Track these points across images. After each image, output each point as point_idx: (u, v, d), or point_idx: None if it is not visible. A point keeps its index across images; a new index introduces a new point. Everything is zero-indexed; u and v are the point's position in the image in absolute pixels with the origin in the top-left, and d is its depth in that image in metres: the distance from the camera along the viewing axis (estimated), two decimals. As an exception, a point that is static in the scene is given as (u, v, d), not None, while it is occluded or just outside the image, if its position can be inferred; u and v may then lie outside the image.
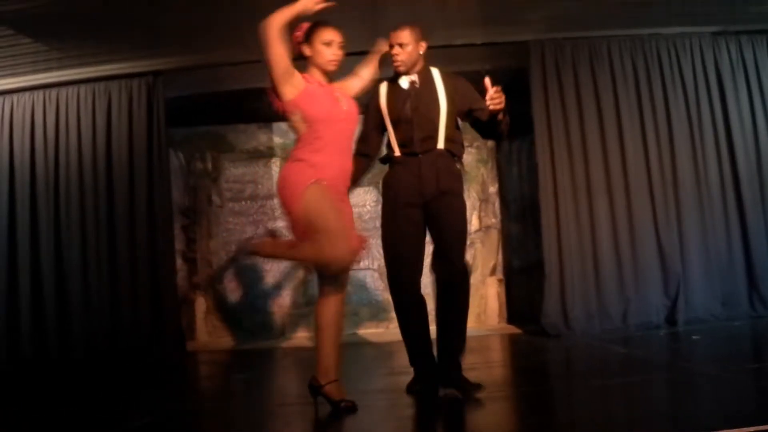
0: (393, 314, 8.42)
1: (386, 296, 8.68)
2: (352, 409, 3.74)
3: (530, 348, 6.43)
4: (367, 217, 8.83)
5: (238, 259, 8.73)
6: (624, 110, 7.10)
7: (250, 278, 8.85)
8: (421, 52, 4.23)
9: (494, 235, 8.74)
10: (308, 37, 3.97)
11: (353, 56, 7.16)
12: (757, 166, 7.12)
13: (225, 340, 8.47)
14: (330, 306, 3.88)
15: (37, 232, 7.37)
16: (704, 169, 7.08)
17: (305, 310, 8.77)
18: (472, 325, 8.27)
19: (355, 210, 8.63)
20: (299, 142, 3.88)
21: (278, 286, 8.85)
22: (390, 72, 4.32)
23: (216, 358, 7.28)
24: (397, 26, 4.22)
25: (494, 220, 8.75)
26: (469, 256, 8.53)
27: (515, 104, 8.00)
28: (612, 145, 7.05)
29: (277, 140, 8.94)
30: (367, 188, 8.80)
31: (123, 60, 7.06)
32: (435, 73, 4.27)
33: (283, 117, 3.94)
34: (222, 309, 8.72)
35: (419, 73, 4.22)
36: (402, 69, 4.20)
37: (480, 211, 8.76)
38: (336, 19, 6.39)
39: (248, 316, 8.79)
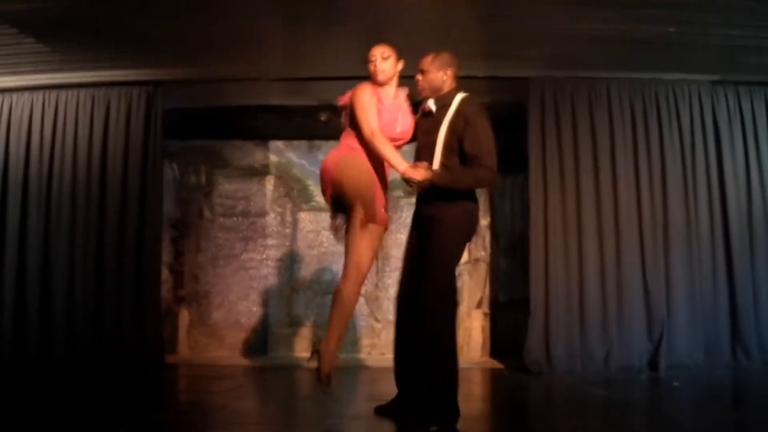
0: (375, 340, 8.44)
1: (370, 322, 8.68)
2: None
3: (511, 384, 6.40)
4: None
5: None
6: (619, 152, 7.13)
7: (235, 294, 8.82)
8: (445, 79, 4.33)
9: (482, 269, 8.72)
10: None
11: (355, 79, 7.25)
12: (747, 217, 7.15)
13: (206, 355, 8.42)
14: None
15: (26, 232, 7.33)
16: (695, 216, 7.10)
17: (288, 330, 8.75)
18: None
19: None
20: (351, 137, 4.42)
21: (263, 304, 8.82)
22: None
23: (195, 372, 7.23)
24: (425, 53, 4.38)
25: (483, 253, 8.74)
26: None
27: (511, 139, 8.09)
28: (605, 185, 7.08)
29: (272, 158, 8.95)
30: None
31: (124, 67, 7.06)
32: (456, 100, 4.27)
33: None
34: (205, 324, 8.68)
35: (439, 99, 4.30)
36: (424, 95, 4.38)
37: (470, 244, 8.74)
38: (341, 44, 6.48)
39: (231, 333, 8.75)
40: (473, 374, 7.15)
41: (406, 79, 4.58)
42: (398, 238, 8.77)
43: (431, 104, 4.31)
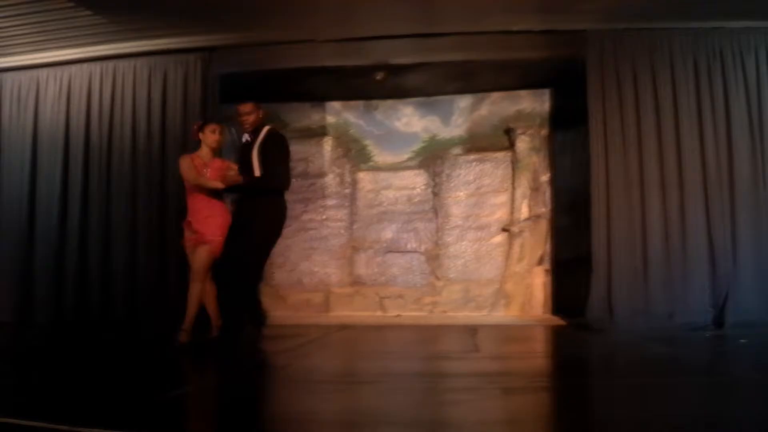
0: (436, 298, 8.47)
1: (431, 280, 8.70)
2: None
3: (573, 341, 6.37)
4: (417, 200, 8.85)
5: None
6: (682, 105, 6.95)
7: (296, 255, 8.92)
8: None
9: (543, 225, 8.66)
10: (201, 129, 6.17)
11: (408, 38, 7.22)
12: (817, 168, 6.93)
13: (269, 315, 8.53)
14: None
15: (87, 201, 7.53)
16: (762, 169, 6.88)
17: (350, 289, 8.83)
18: (515, 314, 8.28)
19: (405, 192, 8.71)
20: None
21: (324, 265, 8.90)
22: None
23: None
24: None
25: (544, 209, 8.67)
26: (517, 245, 8.51)
27: (570, 94, 7.97)
28: (668, 140, 6.92)
29: (330, 119, 8.98)
30: (417, 171, 8.83)
31: (179, 35, 7.13)
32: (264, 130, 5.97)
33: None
34: (268, 284, 8.79)
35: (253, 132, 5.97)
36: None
37: (530, 200, 8.69)
38: (394, 2, 6.43)
39: (294, 293, 8.87)
40: (535, 331, 7.14)
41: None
42: (457, 197, 8.77)
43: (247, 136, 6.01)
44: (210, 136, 6.14)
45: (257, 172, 5.82)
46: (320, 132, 9.02)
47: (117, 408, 3.32)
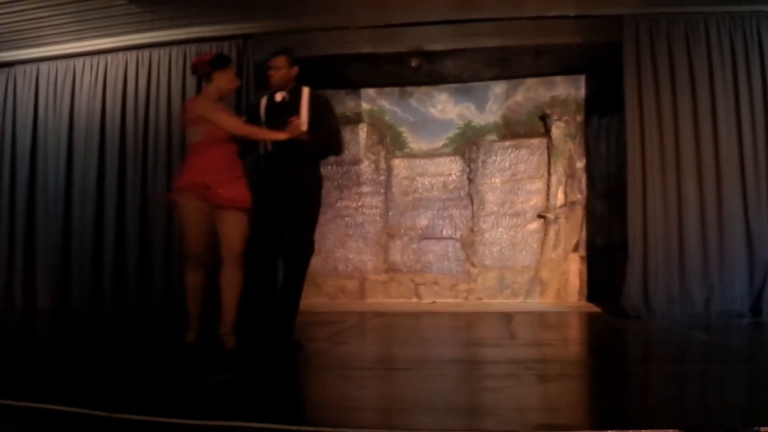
0: (471, 285, 8.45)
1: (466, 267, 8.69)
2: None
3: (609, 328, 6.35)
4: (452, 186, 8.84)
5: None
6: (719, 90, 6.86)
7: (332, 242, 8.96)
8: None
9: (579, 212, 8.63)
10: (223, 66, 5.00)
11: (444, 24, 7.21)
12: None
13: (305, 302, 8.57)
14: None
15: (123, 189, 7.65)
16: (801, 156, 6.80)
17: (385, 276, 8.86)
18: (551, 301, 8.25)
19: (440, 179, 8.71)
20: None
21: (359, 252, 8.93)
22: None
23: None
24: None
25: (580, 196, 8.63)
26: (552, 232, 8.48)
27: (605, 80, 7.90)
28: (705, 126, 6.84)
29: (365, 106, 9.00)
30: (452, 157, 8.81)
31: (214, 23, 7.18)
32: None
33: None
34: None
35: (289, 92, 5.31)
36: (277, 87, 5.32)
37: (566, 186, 8.65)
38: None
39: (329, 280, 8.91)
40: (570, 318, 7.12)
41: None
42: (492, 183, 8.74)
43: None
44: (234, 81, 5.13)
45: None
46: (355, 119, 9.05)
47: (154, 395, 3.38)
